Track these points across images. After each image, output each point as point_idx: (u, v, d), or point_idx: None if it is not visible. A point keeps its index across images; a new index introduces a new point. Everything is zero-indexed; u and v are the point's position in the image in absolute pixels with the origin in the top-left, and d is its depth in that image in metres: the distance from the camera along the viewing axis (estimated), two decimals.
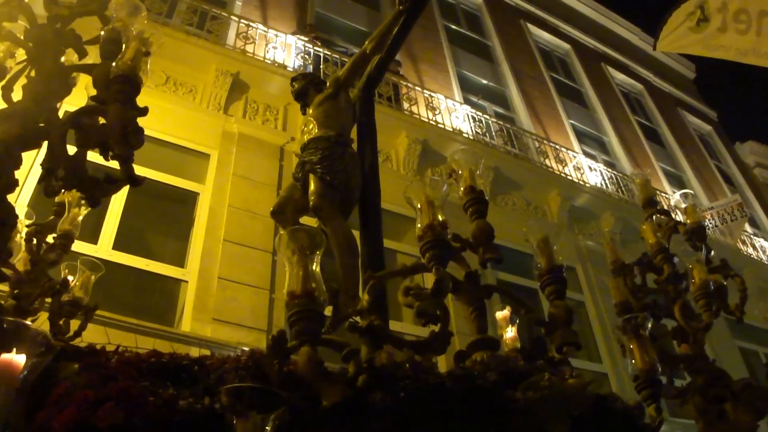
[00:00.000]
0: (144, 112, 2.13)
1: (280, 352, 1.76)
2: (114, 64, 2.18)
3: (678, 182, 18.03)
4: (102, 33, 2.22)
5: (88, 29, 2.30)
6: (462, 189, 2.71)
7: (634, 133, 18.06)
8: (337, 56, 11.27)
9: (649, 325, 2.87)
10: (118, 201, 7.56)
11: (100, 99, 2.09)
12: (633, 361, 2.75)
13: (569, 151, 13.93)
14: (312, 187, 4.00)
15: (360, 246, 3.92)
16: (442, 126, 11.56)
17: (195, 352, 6.08)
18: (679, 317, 3.36)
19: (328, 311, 2.79)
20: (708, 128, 22.87)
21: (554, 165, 12.94)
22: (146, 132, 7.23)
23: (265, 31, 10.71)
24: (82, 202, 3.03)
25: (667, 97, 22.01)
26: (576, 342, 2.40)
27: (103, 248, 7.09)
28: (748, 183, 20.97)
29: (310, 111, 4.53)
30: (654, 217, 4.00)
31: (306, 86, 4.75)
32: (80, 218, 3.26)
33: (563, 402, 1.96)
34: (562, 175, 12.76)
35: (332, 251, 3.88)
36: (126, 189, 7.64)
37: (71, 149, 2.02)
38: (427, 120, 11.37)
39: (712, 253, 3.76)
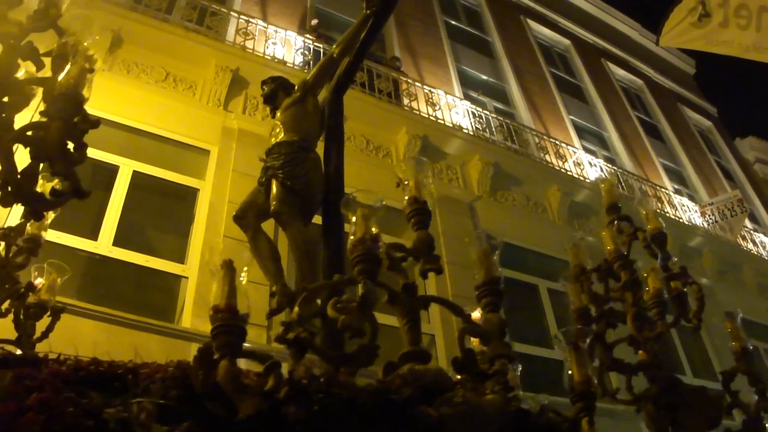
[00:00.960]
0: (95, 125, 2.24)
1: (206, 364, 1.81)
2: (59, 80, 2.21)
3: (678, 178, 18.03)
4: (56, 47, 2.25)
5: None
6: (406, 199, 2.67)
7: (634, 129, 18.05)
8: None
9: (588, 340, 2.83)
10: (118, 197, 7.56)
11: (48, 114, 2.13)
12: (570, 372, 2.72)
13: (569, 147, 13.92)
14: (273, 191, 4.04)
15: (325, 249, 3.97)
16: (442, 122, 11.54)
17: (195, 348, 6.09)
18: (631, 325, 3.33)
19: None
20: (708, 124, 22.86)
21: (554, 161, 12.93)
22: (145, 127, 7.28)
23: (264, 27, 10.69)
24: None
25: (667, 93, 22.00)
26: (509, 355, 2.40)
27: (104, 244, 7.09)
28: (748, 178, 20.97)
29: (278, 115, 4.55)
30: (616, 223, 3.97)
31: (275, 90, 4.78)
32: (49, 222, 3.29)
33: (480, 418, 1.95)
34: (562, 170, 12.76)
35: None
36: (126, 185, 7.67)
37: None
38: (427, 116, 11.36)
39: (675, 260, 3.68)
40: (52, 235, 6.83)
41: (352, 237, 2.40)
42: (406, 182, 2.70)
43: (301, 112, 4.51)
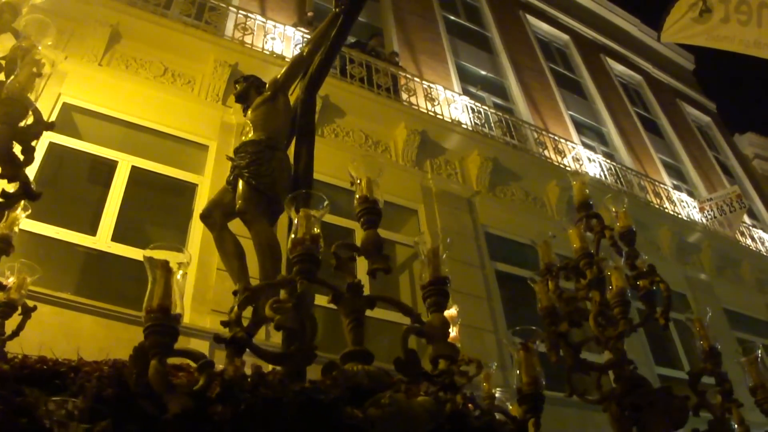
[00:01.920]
0: (49, 127, 2.25)
1: (140, 363, 1.83)
2: (6, 84, 2.23)
3: (677, 173, 18.04)
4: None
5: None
6: (357, 197, 2.68)
7: (633, 125, 18.04)
8: None
9: (538, 342, 2.84)
10: (116, 193, 7.56)
11: None
12: (518, 372, 2.72)
13: (568, 142, 13.92)
14: (239, 190, 4.07)
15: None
16: (441, 117, 11.54)
17: (194, 343, 6.10)
18: (593, 325, 3.30)
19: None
20: (707, 119, 22.86)
21: (553, 156, 12.93)
22: (143, 123, 7.27)
23: (263, 22, 10.68)
24: (21, 206, 3.09)
25: (666, 89, 21.99)
26: (452, 356, 2.40)
27: (102, 240, 7.09)
28: (746, 174, 20.97)
29: (249, 114, 4.56)
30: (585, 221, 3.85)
31: (247, 88, 4.79)
32: (20, 222, 3.29)
33: (409, 420, 1.94)
34: (561, 166, 12.75)
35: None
36: (125, 181, 7.67)
37: None
38: (425, 111, 11.36)
39: (645, 257, 3.67)
40: (51, 231, 6.85)
41: (292, 236, 2.37)
42: (358, 181, 2.70)
43: (272, 110, 4.51)
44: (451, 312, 4.22)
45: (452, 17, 16.48)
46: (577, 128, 15.63)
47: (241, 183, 4.08)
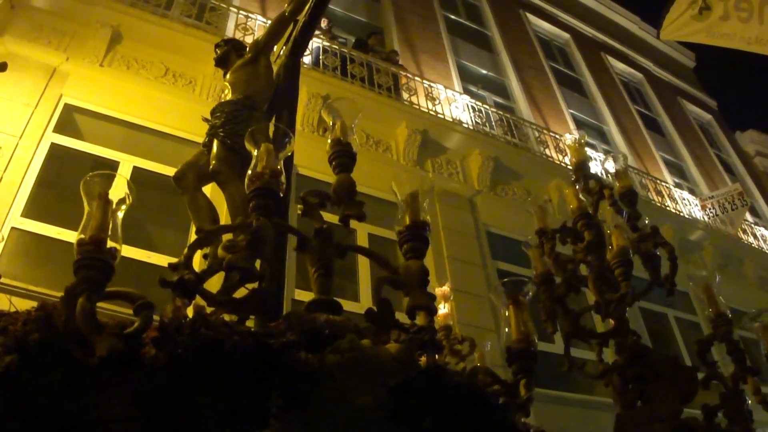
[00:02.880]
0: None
1: (71, 305, 1.67)
2: None
3: (678, 171, 18.03)
4: None
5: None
6: (329, 141, 2.42)
7: (634, 123, 18.03)
8: (336, 47, 11.24)
9: (530, 293, 2.55)
10: (118, 193, 7.56)
11: None
12: (507, 329, 2.46)
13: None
14: (213, 151, 3.94)
15: None
16: (442, 116, 11.54)
17: None
18: (592, 288, 3.05)
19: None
20: (708, 117, 22.84)
21: (554, 155, 12.93)
22: (145, 123, 7.27)
23: (264, 22, 10.67)
24: None
25: (666, 86, 21.97)
26: (429, 306, 2.16)
27: None
28: (748, 172, 20.95)
29: (228, 76, 4.47)
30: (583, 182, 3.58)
31: (227, 52, 4.70)
32: None
33: (374, 369, 1.75)
34: (562, 164, 12.75)
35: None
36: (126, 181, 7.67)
37: None
38: (426, 110, 11.36)
39: (647, 220, 3.37)
40: (52, 231, 6.86)
41: (250, 171, 2.18)
42: (331, 124, 2.47)
43: (252, 72, 4.41)
44: (443, 289, 4.19)
45: (452, 16, 16.48)
46: (578, 126, 15.62)
47: (215, 143, 3.96)
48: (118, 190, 1.95)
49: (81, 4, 8.83)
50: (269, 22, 10.73)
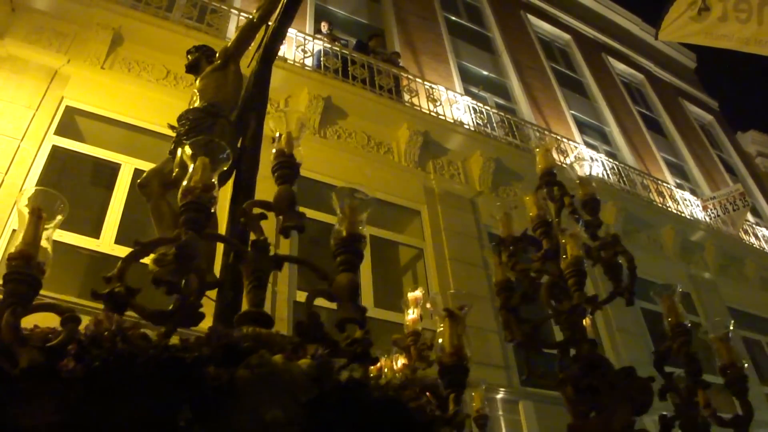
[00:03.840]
0: None
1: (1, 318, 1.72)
2: None
3: (679, 172, 18.02)
4: None
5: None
6: (274, 151, 2.43)
7: (635, 123, 18.03)
8: (338, 48, 11.24)
9: (465, 309, 2.52)
10: (119, 195, 7.57)
11: None
12: (440, 341, 2.46)
13: (570, 142, 13.91)
14: (177, 158, 3.91)
15: (228, 220, 3.72)
16: (443, 117, 11.54)
17: None
18: (544, 298, 3.00)
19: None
20: (709, 118, 22.84)
21: (555, 156, 12.91)
22: (146, 125, 7.26)
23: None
24: None
25: (668, 87, 21.97)
26: (358, 320, 2.15)
27: (105, 243, 7.10)
28: (750, 172, 20.95)
29: (197, 83, 4.45)
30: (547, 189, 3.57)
31: (198, 58, 4.69)
32: None
33: (283, 385, 1.76)
34: (564, 166, 12.74)
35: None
36: (128, 183, 7.68)
37: None
38: (428, 112, 11.36)
39: (611, 229, 3.34)
40: (54, 234, 6.85)
41: (184, 184, 2.17)
42: (278, 135, 2.47)
43: (220, 79, 4.40)
44: (415, 294, 4.18)
45: (453, 18, 16.49)
46: (579, 128, 15.63)
47: (179, 151, 3.91)
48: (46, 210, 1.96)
49: (82, 7, 8.84)
50: (271, 23, 10.77)
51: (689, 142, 19.37)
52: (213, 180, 2.18)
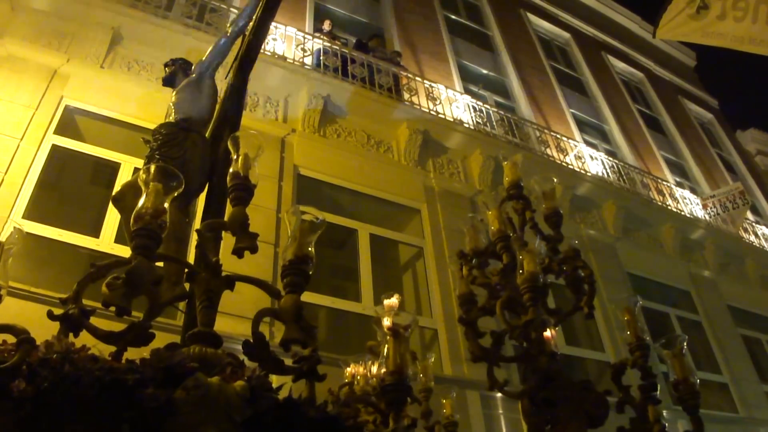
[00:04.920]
0: None
1: None
2: None
3: (679, 170, 18.02)
4: None
5: None
6: (230, 172, 2.50)
7: (635, 122, 18.03)
8: (337, 47, 11.24)
9: (411, 329, 2.51)
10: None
11: None
12: (385, 359, 2.45)
13: (570, 141, 13.91)
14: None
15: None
16: (443, 116, 11.54)
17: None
18: (499, 313, 3.00)
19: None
20: (709, 116, 22.84)
21: (555, 154, 12.93)
22: (146, 124, 7.24)
23: None
24: None
25: (667, 86, 21.97)
26: (301, 340, 2.23)
27: (105, 242, 7.10)
28: (749, 171, 20.95)
29: (172, 97, 4.46)
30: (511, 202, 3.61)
31: (175, 72, 4.74)
32: None
33: (218, 406, 1.84)
34: (563, 164, 12.75)
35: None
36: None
37: None
38: (427, 110, 11.35)
39: (576, 242, 3.36)
40: (54, 233, 6.86)
41: (137, 208, 2.24)
42: (234, 157, 2.53)
43: (195, 92, 4.41)
44: (391, 301, 4.17)
45: (453, 16, 16.49)
46: (579, 126, 15.63)
47: (150, 164, 3.96)
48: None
49: (81, 6, 8.83)
50: (270, 23, 10.76)
51: (689, 141, 19.37)
52: (164, 205, 2.25)
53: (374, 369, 3.94)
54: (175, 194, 2.35)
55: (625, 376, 3.06)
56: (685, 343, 3.12)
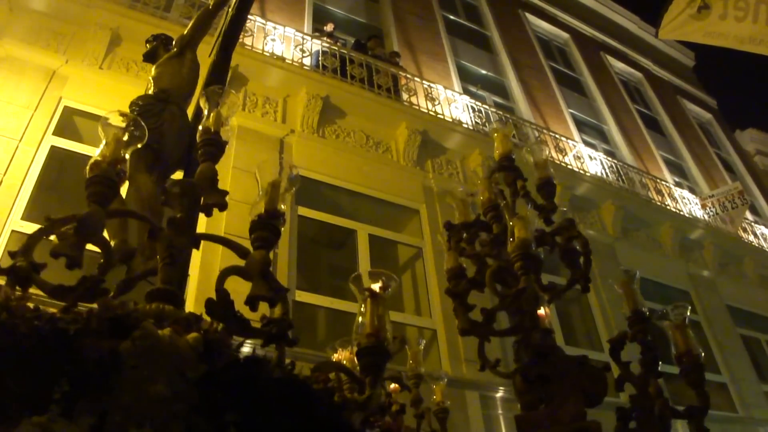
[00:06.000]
0: None
1: None
2: None
3: (678, 170, 18.03)
4: None
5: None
6: (200, 128, 2.33)
7: (634, 122, 18.04)
8: (336, 48, 11.24)
9: (391, 285, 2.34)
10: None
11: None
12: (360, 319, 2.27)
13: (569, 141, 13.92)
14: None
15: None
16: (442, 117, 11.54)
17: None
18: (488, 283, 2.80)
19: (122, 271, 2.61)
20: (708, 116, 22.85)
21: (554, 154, 12.92)
22: None
23: (263, 23, 10.68)
24: None
25: (666, 86, 21.98)
26: (268, 297, 2.08)
27: None
28: (748, 170, 20.97)
29: (152, 71, 4.40)
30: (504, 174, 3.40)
31: (156, 47, 4.65)
32: None
33: (169, 359, 1.67)
34: (562, 164, 12.75)
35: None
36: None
37: None
38: (426, 111, 11.36)
39: (567, 213, 3.16)
40: (53, 234, 6.84)
41: (93, 157, 2.13)
42: (205, 113, 2.39)
43: (175, 66, 4.37)
44: (377, 285, 4.13)
45: (452, 17, 16.49)
46: (578, 126, 15.64)
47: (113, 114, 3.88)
48: None
49: (80, 7, 8.83)
50: (269, 23, 10.77)
51: (688, 141, 19.38)
52: (123, 155, 2.15)
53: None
54: (138, 146, 2.26)
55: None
56: (687, 311, 2.96)
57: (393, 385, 4.17)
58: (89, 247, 2.06)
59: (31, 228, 6.71)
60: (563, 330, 9.93)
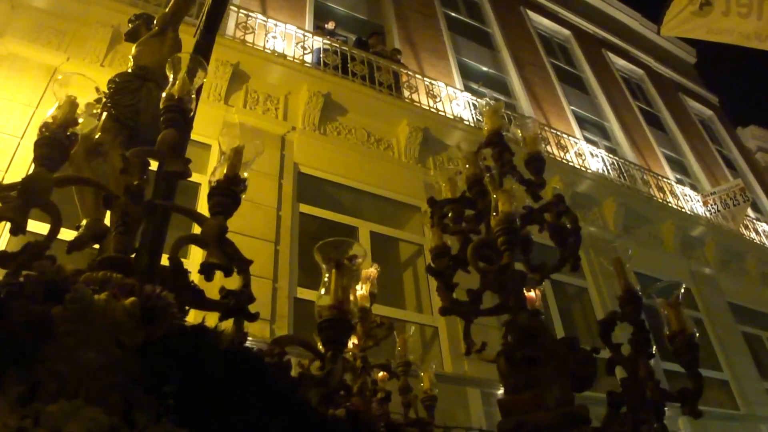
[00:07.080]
0: None
1: None
2: None
3: (680, 167, 18.02)
4: None
5: None
6: (164, 95, 2.25)
7: (636, 119, 18.02)
8: (337, 45, 11.23)
9: (359, 259, 2.20)
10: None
11: None
12: (322, 291, 2.16)
13: (570, 138, 13.91)
14: (100, 122, 3.73)
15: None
16: (443, 114, 11.53)
17: None
18: (471, 260, 2.65)
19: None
20: (709, 113, 22.82)
21: (555, 151, 12.92)
22: None
23: (264, 21, 10.67)
24: None
25: (668, 82, 21.95)
26: (224, 266, 2.00)
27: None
28: (750, 167, 20.94)
29: (133, 50, 4.34)
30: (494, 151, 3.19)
31: (138, 26, 4.64)
32: None
33: (103, 324, 1.55)
34: (564, 161, 12.75)
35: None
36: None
37: None
38: (427, 108, 11.35)
39: (558, 190, 2.95)
40: (61, 233, 6.84)
41: (44, 119, 2.08)
42: (171, 79, 2.33)
43: (155, 45, 4.32)
44: (369, 270, 4.11)
45: (453, 14, 16.47)
46: (579, 123, 15.62)
47: (103, 114, 3.75)
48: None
49: (81, 4, 8.82)
50: (270, 20, 10.76)
51: (689, 138, 19.36)
52: (76, 118, 2.11)
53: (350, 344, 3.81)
54: (94, 111, 2.26)
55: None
56: (681, 289, 2.77)
57: (381, 374, 4.15)
58: (66, 238, 2.01)
59: (31, 226, 6.72)
60: (565, 328, 9.93)
